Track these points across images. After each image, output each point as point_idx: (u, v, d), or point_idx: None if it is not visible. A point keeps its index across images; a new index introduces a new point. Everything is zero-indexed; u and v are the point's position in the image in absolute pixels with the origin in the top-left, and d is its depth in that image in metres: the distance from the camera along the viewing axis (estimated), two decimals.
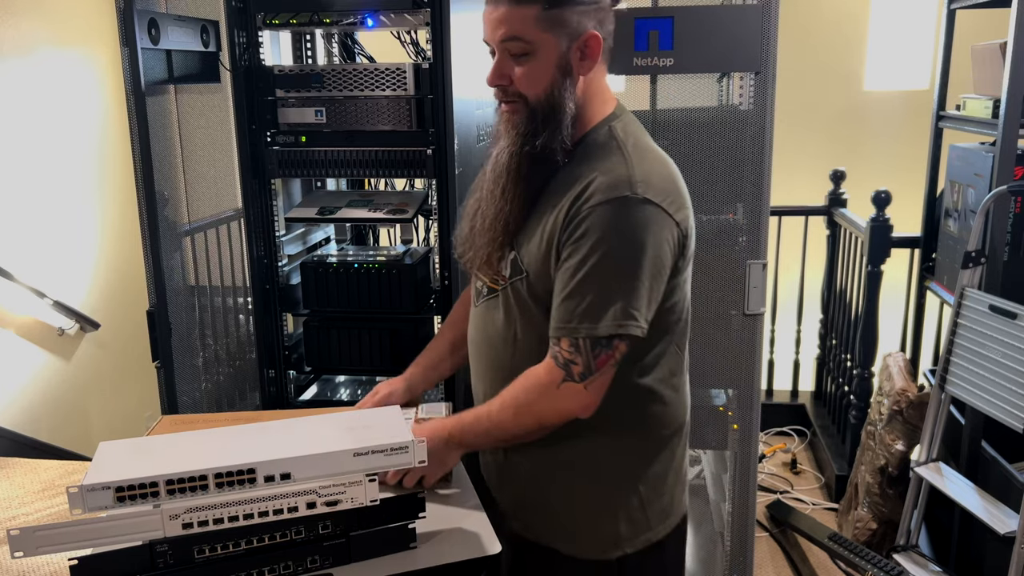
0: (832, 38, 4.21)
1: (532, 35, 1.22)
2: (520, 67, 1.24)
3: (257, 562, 1.18)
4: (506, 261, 1.32)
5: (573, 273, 1.22)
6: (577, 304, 1.22)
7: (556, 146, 1.27)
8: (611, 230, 1.21)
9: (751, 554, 2.17)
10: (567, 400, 1.25)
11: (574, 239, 1.22)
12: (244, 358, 2.56)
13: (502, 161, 1.29)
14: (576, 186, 1.24)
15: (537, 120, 1.25)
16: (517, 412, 1.29)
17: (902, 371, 2.79)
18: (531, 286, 1.29)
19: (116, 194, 3.24)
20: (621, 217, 1.21)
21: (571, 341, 1.23)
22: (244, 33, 2.00)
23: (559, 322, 1.24)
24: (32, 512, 1.58)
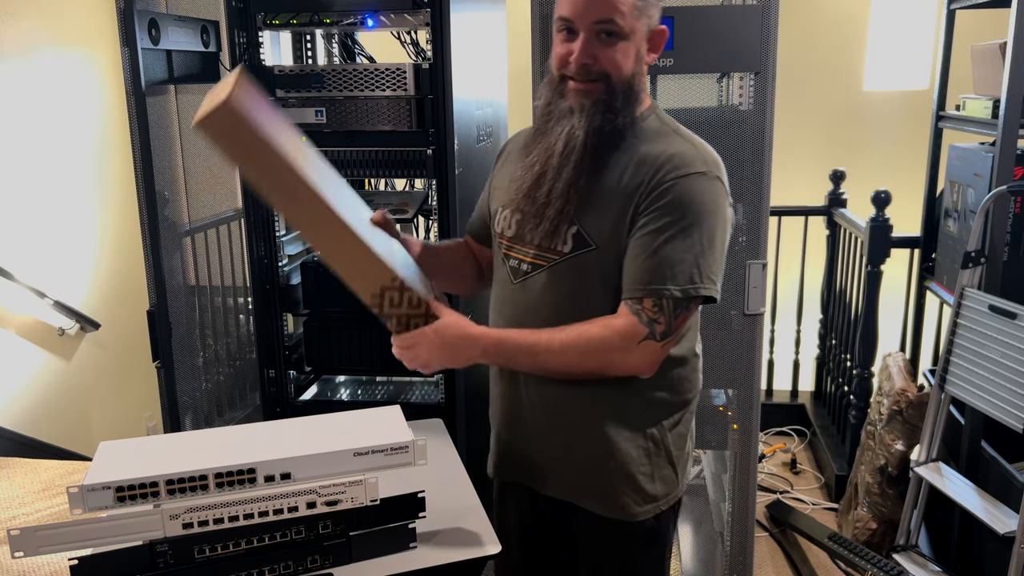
0: (832, 38, 4.21)
1: (627, 21, 1.29)
2: (608, 48, 1.30)
3: (257, 562, 1.19)
4: (564, 235, 1.35)
5: (654, 237, 1.28)
6: (659, 265, 1.28)
7: (627, 126, 1.34)
8: (691, 200, 1.29)
9: (751, 554, 2.17)
10: (642, 356, 1.30)
11: (655, 208, 1.29)
12: (244, 358, 2.56)
13: (577, 137, 1.32)
14: (645, 164, 1.31)
15: (618, 100, 1.32)
16: (585, 354, 1.31)
17: (902, 371, 2.79)
18: (601, 259, 1.33)
19: (116, 194, 3.24)
20: (698, 190, 1.29)
21: (654, 301, 1.29)
22: (244, 33, 2.00)
23: (641, 282, 1.29)
24: (32, 512, 1.58)
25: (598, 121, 1.32)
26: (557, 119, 1.35)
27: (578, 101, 1.32)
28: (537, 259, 1.38)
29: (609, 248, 1.33)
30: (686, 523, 2.67)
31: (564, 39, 1.33)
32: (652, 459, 1.42)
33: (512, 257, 1.43)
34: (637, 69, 1.34)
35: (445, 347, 1.32)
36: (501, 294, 1.47)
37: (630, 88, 1.33)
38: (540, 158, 1.36)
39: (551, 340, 1.31)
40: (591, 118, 1.31)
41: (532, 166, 1.38)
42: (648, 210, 1.30)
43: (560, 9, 1.32)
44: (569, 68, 1.32)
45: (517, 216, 1.40)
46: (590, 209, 1.33)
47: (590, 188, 1.33)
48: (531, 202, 1.37)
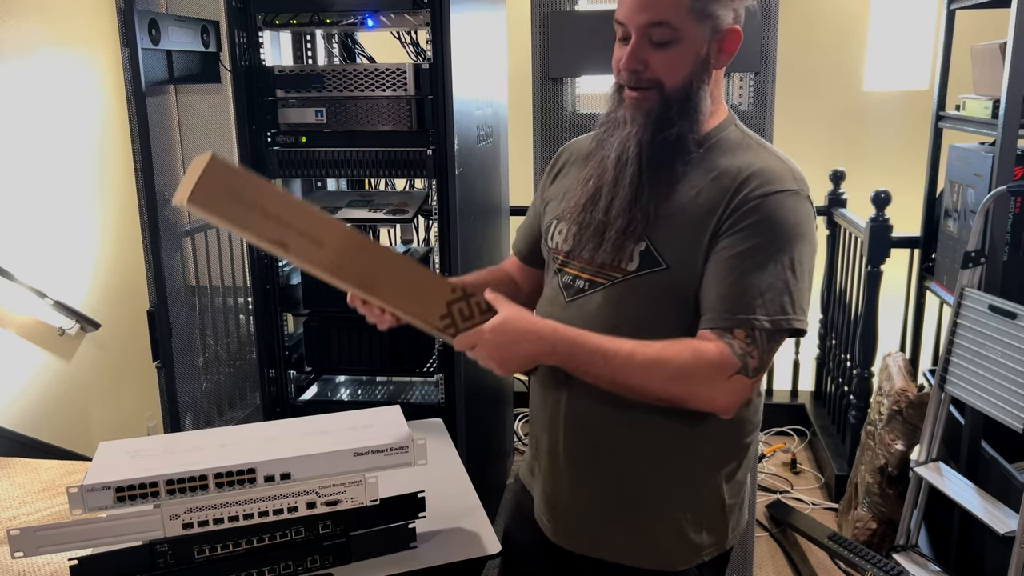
0: (832, 38, 4.21)
1: (681, 23, 1.18)
2: (660, 53, 1.20)
3: (257, 562, 1.19)
4: (630, 252, 1.23)
5: (742, 260, 1.17)
6: (748, 292, 1.16)
7: (690, 136, 1.23)
8: (783, 220, 1.18)
9: (751, 554, 2.17)
10: (731, 393, 1.17)
11: (741, 227, 1.18)
12: (244, 358, 2.56)
13: (630, 149, 1.23)
14: (726, 178, 1.21)
15: (672, 109, 1.22)
16: (672, 379, 1.17)
17: (902, 371, 2.79)
18: (672, 280, 1.22)
19: (116, 194, 3.24)
20: (790, 210, 1.19)
21: (747, 332, 1.16)
22: (244, 33, 2.00)
23: (729, 310, 1.17)
24: (32, 512, 1.58)
25: (650, 133, 1.22)
26: (612, 129, 1.27)
27: (631, 111, 1.24)
28: (596, 276, 1.27)
29: (683, 268, 1.21)
30: None
31: (620, 44, 1.24)
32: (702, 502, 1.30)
33: (567, 273, 1.32)
34: (697, 75, 1.22)
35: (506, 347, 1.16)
36: (550, 310, 1.34)
37: (687, 97, 1.22)
38: (595, 172, 1.28)
39: (633, 353, 1.17)
40: (643, 129, 1.22)
41: (587, 181, 1.29)
42: (733, 229, 1.18)
43: (617, 12, 1.24)
44: (621, 75, 1.24)
45: (574, 229, 1.30)
46: (661, 226, 1.22)
47: (658, 204, 1.22)
48: (589, 219, 1.27)
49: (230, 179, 1.04)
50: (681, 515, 1.29)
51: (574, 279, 1.30)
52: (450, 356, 2.11)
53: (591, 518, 1.31)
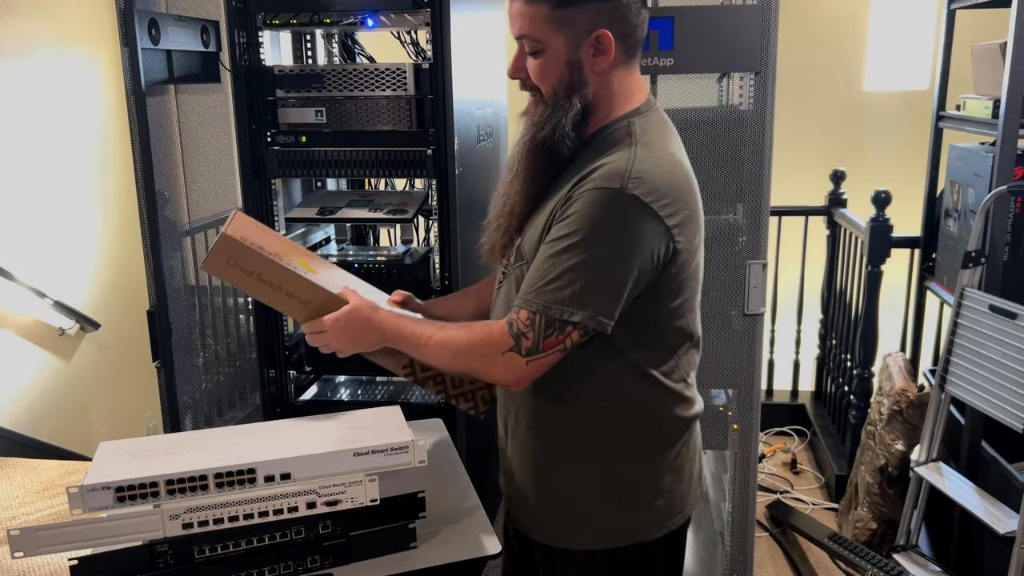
0: (832, 38, 4.21)
1: (541, 34, 1.25)
2: (533, 62, 1.28)
3: (257, 562, 1.19)
4: (512, 248, 1.37)
5: (547, 248, 1.23)
6: (542, 279, 1.22)
7: (561, 139, 1.28)
8: (594, 217, 1.19)
9: (751, 554, 2.17)
10: (504, 369, 1.25)
11: (560, 218, 1.23)
12: (244, 358, 2.56)
13: (517, 150, 1.33)
14: (577, 176, 1.26)
15: (547, 112, 1.29)
16: (455, 355, 1.30)
17: (902, 371, 2.79)
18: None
19: (116, 194, 3.24)
20: (606, 207, 1.19)
21: (528, 314, 1.22)
22: (244, 33, 2.00)
23: (523, 292, 1.25)
24: (32, 512, 1.58)
25: (531, 133, 1.30)
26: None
27: (523, 116, 1.34)
28: (505, 270, 1.42)
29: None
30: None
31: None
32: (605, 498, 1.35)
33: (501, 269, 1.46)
34: (570, 80, 1.26)
35: (349, 331, 1.38)
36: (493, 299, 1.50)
37: (557, 101, 1.27)
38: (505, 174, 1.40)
39: (431, 336, 1.33)
40: (527, 130, 1.32)
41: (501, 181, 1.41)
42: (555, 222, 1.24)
43: None
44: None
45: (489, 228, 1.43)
46: (531, 223, 1.33)
47: (531, 202, 1.33)
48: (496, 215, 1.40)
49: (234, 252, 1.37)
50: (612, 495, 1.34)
51: (502, 274, 1.44)
52: None
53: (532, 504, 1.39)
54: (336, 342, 1.39)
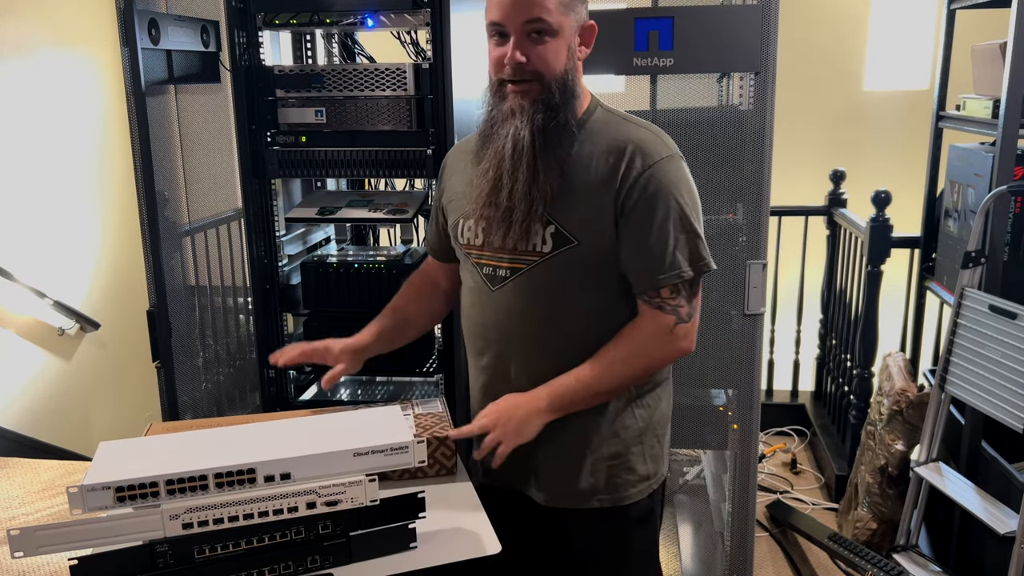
0: (832, 38, 4.21)
1: (556, 18, 1.31)
2: (539, 47, 1.32)
3: (257, 562, 1.19)
4: (541, 236, 1.37)
5: (648, 230, 1.34)
6: (662, 255, 1.34)
7: (572, 121, 1.36)
8: (671, 184, 1.35)
9: (751, 554, 2.17)
10: (682, 340, 1.38)
11: (642, 200, 1.34)
12: (244, 358, 2.56)
13: (523, 137, 1.34)
14: (611, 155, 1.36)
15: (555, 97, 1.34)
16: (628, 363, 1.37)
17: (902, 371, 2.78)
18: (583, 253, 1.36)
19: (116, 194, 3.24)
20: (673, 172, 1.36)
21: (671, 288, 1.36)
22: (244, 33, 2.00)
23: (651, 277, 1.35)
24: (32, 512, 1.58)
25: (540, 120, 1.34)
26: (501, 122, 1.37)
27: (517, 102, 1.35)
28: (515, 263, 1.40)
29: (593, 242, 1.36)
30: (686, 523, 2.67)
31: (497, 43, 1.36)
32: (643, 434, 1.47)
33: (485, 265, 1.45)
34: (571, 65, 1.36)
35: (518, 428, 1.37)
36: (477, 301, 1.49)
37: (565, 84, 1.35)
38: (492, 163, 1.38)
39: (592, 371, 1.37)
40: (532, 117, 1.34)
41: (486, 172, 1.39)
42: (632, 204, 1.34)
43: (489, 15, 1.35)
44: (505, 70, 1.35)
45: (483, 224, 1.42)
46: (564, 206, 1.36)
47: (556, 186, 1.35)
48: (494, 208, 1.38)
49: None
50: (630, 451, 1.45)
51: (495, 269, 1.43)
52: (450, 356, 2.11)
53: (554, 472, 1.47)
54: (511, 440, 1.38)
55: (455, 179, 1.54)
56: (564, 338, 1.42)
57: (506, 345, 1.47)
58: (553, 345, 1.42)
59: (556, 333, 1.42)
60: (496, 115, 1.39)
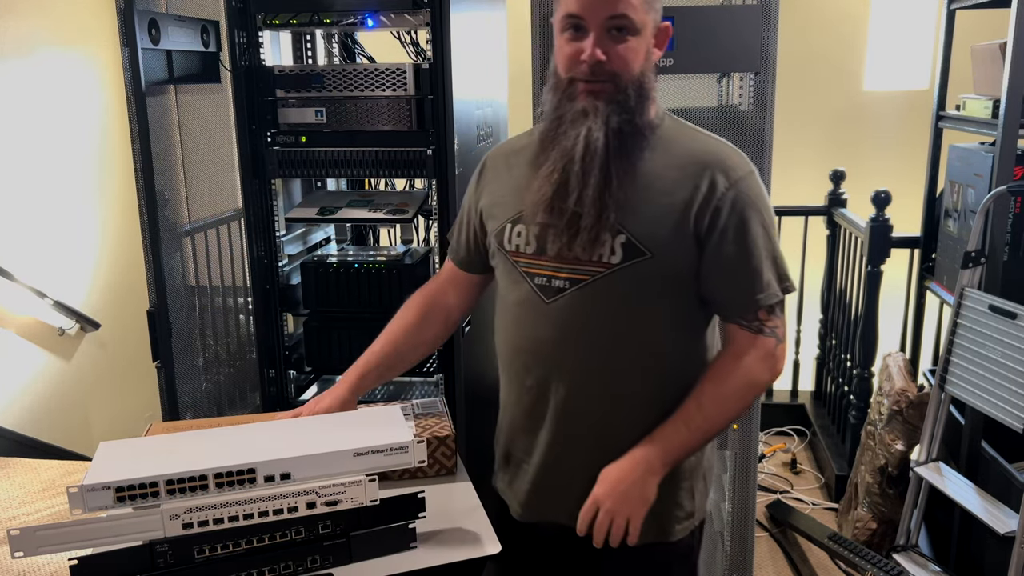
0: (832, 38, 4.21)
1: (640, 15, 1.24)
2: (620, 45, 1.24)
3: (257, 562, 1.19)
4: (611, 245, 1.27)
5: (743, 249, 1.27)
6: (757, 276, 1.28)
7: (646, 126, 1.29)
8: (755, 201, 1.28)
9: (751, 554, 2.17)
10: (780, 361, 1.32)
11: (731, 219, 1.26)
12: (244, 358, 2.56)
13: (597, 140, 1.24)
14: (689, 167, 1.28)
15: (632, 99, 1.26)
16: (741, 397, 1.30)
17: (902, 371, 2.78)
18: (658, 266, 1.27)
19: (116, 194, 3.24)
20: (756, 188, 1.30)
21: (767, 309, 1.30)
22: (244, 33, 2.00)
23: (748, 300, 1.29)
24: (32, 512, 1.58)
25: (616, 122, 1.25)
26: (570, 123, 1.27)
27: (591, 103, 1.25)
28: (577, 274, 1.29)
29: (667, 256, 1.27)
30: None
31: (571, 38, 1.25)
32: (693, 472, 1.39)
33: (538, 275, 1.32)
34: (647, 66, 1.28)
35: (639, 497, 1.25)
36: (525, 314, 1.35)
37: (641, 86, 1.27)
38: (558, 165, 1.27)
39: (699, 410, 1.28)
40: (608, 119, 1.25)
41: (550, 175, 1.27)
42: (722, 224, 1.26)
43: (566, 6, 1.24)
44: (580, 68, 1.24)
45: (535, 230, 1.31)
46: (636, 216, 1.26)
47: (628, 193, 1.26)
48: (557, 214, 1.27)
49: None
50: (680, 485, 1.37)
51: (550, 279, 1.31)
52: (450, 356, 2.11)
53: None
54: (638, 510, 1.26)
55: (497, 183, 1.42)
56: (625, 357, 1.31)
57: (557, 363, 1.33)
58: (613, 365, 1.31)
59: (617, 352, 1.31)
60: (564, 115, 1.28)
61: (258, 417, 1.59)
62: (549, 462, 1.38)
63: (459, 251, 1.52)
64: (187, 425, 1.54)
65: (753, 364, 1.29)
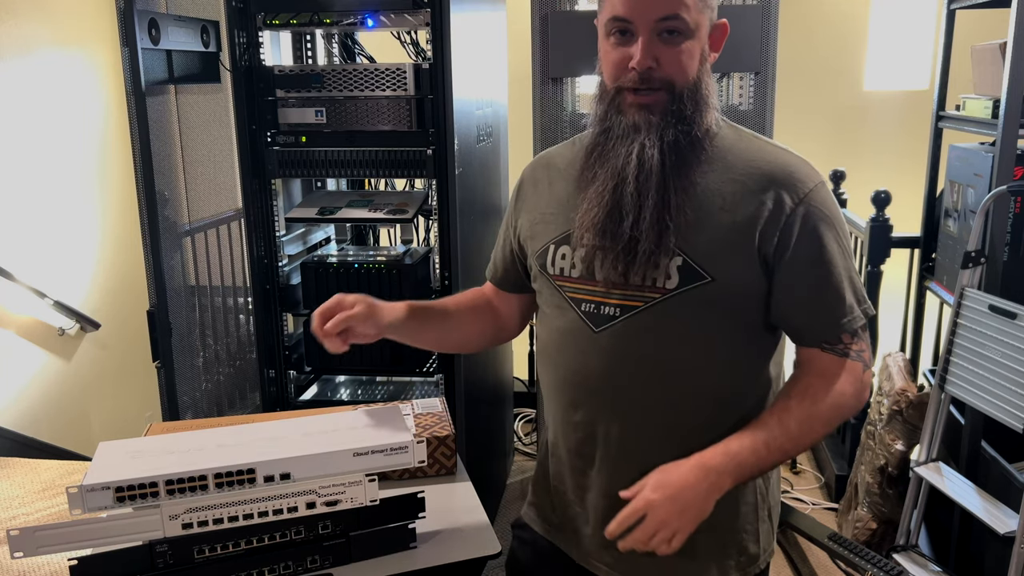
0: (832, 38, 4.21)
1: (694, 15, 1.12)
2: (672, 49, 1.12)
3: (257, 562, 1.19)
4: (665, 269, 1.15)
5: (821, 270, 1.16)
6: (838, 298, 1.17)
7: (704, 136, 1.18)
8: (829, 216, 1.17)
9: None
10: (867, 387, 1.21)
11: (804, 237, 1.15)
12: (244, 358, 2.56)
13: (651, 157, 1.13)
14: (751, 180, 1.16)
15: (688, 108, 1.15)
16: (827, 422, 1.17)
17: (902, 371, 2.78)
18: (719, 290, 1.15)
19: (116, 194, 3.24)
20: (828, 201, 1.18)
21: (850, 334, 1.18)
22: (244, 33, 2.00)
23: (834, 321, 1.17)
24: (32, 512, 1.58)
25: (671, 135, 1.14)
26: (620, 138, 1.16)
27: (643, 116, 1.14)
28: (629, 300, 1.17)
29: (730, 278, 1.15)
30: None
31: (617, 42, 1.14)
32: (758, 513, 1.26)
33: (585, 301, 1.21)
34: (703, 70, 1.16)
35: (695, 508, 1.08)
36: (572, 344, 1.23)
37: (697, 92, 1.16)
38: (608, 185, 1.17)
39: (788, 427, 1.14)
40: (663, 132, 1.14)
41: (600, 196, 1.17)
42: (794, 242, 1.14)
43: (611, 8, 1.13)
44: (629, 76, 1.13)
45: (582, 252, 1.20)
46: (693, 235, 1.15)
47: (685, 213, 1.15)
48: (610, 236, 1.16)
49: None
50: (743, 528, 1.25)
51: (599, 307, 1.20)
52: (450, 356, 2.11)
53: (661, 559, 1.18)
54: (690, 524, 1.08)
55: (536, 199, 1.31)
56: (684, 391, 1.19)
57: (609, 398, 1.21)
58: (670, 398, 1.19)
59: (676, 384, 1.19)
60: (612, 128, 1.17)
61: (258, 417, 1.59)
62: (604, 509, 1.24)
63: (497, 270, 1.41)
64: (187, 425, 1.54)
65: (844, 388, 1.17)
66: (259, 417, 1.60)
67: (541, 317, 1.32)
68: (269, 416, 1.75)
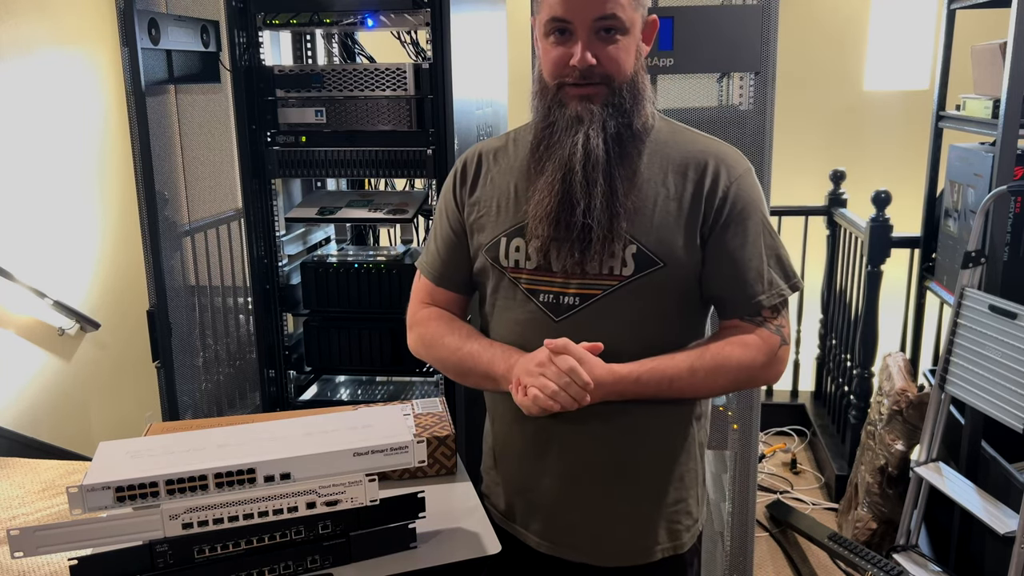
0: (832, 38, 4.21)
1: (628, 13, 1.18)
2: (610, 47, 1.18)
3: (257, 562, 1.18)
4: (621, 257, 1.22)
5: (745, 247, 1.24)
6: (761, 274, 1.25)
7: (642, 129, 1.24)
8: (756, 199, 1.26)
9: (751, 554, 2.17)
10: (782, 363, 1.28)
11: (731, 217, 1.23)
12: (244, 358, 2.56)
13: (596, 147, 1.19)
14: (689, 168, 1.24)
15: (626, 102, 1.21)
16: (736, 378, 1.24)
17: (902, 371, 2.78)
18: (672, 276, 1.23)
19: (116, 194, 3.24)
20: (755, 185, 1.27)
21: (771, 308, 1.26)
22: (244, 33, 2.00)
23: (752, 295, 1.25)
24: (32, 512, 1.58)
25: (613, 128, 1.20)
26: (564, 130, 1.21)
27: (584, 107, 1.19)
28: (587, 288, 1.23)
29: (678, 263, 1.22)
30: None
31: (556, 42, 1.19)
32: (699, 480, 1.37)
33: (543, 292, 1.25)
34: (639, 65, 1.23)
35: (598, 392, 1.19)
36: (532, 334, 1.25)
37: (635, 87, 1.22)
38: (557, 175, 1.20)
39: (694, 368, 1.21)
40: (605, 123, 1.19)
41: (551, 186, 1.21)
42: (724, 223, 1.23)
43: (549, 9, 1.18)
44: (570, 73, 1.19)
45: (536, 243, 1.23)
46: (643, 224, 1.22)
47: (634, 201, 1.21)
48: (564, 226, 1.20)
49: None
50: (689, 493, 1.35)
51: (558, 296, 1.24)
52: None
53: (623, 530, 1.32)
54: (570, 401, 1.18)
55: (482, 190, 1.32)
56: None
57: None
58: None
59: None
60: (556, 122, 1.22)
61: (258, 417, 1.59)
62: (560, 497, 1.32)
63: (437, 269, 1.40)
64: (187, 425, 1.54)
65: (758, 354, 1.24)
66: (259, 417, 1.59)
67: (493, 312, 1.33)
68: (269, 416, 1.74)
